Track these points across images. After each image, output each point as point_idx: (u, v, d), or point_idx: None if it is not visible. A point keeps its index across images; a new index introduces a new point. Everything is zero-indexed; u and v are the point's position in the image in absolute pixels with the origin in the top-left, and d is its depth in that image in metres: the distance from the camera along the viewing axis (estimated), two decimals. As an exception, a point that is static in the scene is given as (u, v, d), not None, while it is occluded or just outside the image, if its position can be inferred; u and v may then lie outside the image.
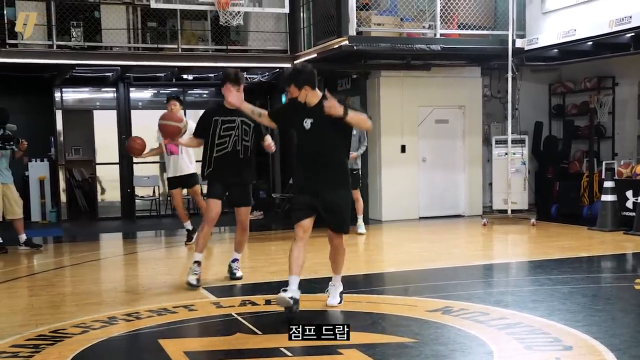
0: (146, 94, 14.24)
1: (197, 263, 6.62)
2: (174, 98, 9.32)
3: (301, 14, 12.60)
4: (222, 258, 7.62)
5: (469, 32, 11.58)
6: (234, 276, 7.03)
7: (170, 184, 9.62)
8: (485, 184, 13.01)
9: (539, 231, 10.61)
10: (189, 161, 9.31)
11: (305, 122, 5.43)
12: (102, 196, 13.87)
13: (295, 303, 5.21)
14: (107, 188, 13.82)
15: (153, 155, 9.11)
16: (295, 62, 11.93)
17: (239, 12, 11.09)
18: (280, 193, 13.78)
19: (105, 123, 13.68)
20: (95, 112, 13.82)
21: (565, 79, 13.28)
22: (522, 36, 11.73)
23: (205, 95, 14.65)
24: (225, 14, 11.05)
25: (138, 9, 12.07)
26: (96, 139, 13.73)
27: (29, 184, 13.21)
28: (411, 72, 12.12)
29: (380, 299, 6.20)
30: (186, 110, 13.65)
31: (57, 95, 13.52)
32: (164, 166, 11.13)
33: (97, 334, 5.08)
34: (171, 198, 9.90)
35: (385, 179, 12.20)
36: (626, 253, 8.68)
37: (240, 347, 4.70)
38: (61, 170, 13.74)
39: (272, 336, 4.92)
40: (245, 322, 5.30)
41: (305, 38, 12.58)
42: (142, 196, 13.74)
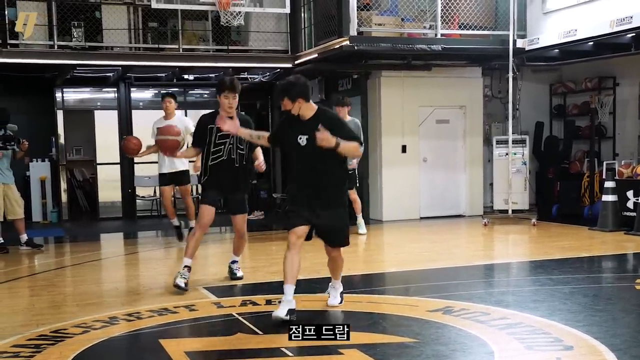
0: (147, 94, 14.24)
1: (187, 268, 6.51)
2: (169, 95, 9.33)
3: (302, 14, 12.61)
4: (223, 258, 7.62)
5: (470, 32, 11.58)
6: (235, 276, 7.03)
7: (162, 180, 9.51)
8: (486, 184, 13.01)
9: (540, 231, 10.60)
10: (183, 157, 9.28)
11: (300, 139, 5.30)
12: (103, 196, 13.87)
13: (291, 313, 5.18)
14: (108, 188, 13.82)
15: (149, 154, 9.06)
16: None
17: (239, 12, 11.10)
18: (281, 193, 13.79)
19: (106, 123, 13.69)
20: (96, 112, 13.83)
21: (566, 79, 13.27)
22: (523, 36, 11.72)
23: (206, 96, 14.64)
24: (226, 14, 11.06)
25: (139, 9, 12.08)
26: (97, 139, 13.74)
27: (30, 184, 13.23)
28: (412, 72, 12.12)
29: (381, 299, 6.20)
30: (187, 111, 13.72)
31: (58, 95, 13.53)
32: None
33: (98, 333, 5.08)
34: (161, 195, 9.74)
35: (386, 179, 12.20)
36: (627, 253, 8.67)
37: (241, 347, 4.70)
38: (62, 170, 13.76)
39: (273, 336, 4.93)
40: (246, 322, 5.30)
41: (306, 38, 12.59)
42: (143, 196, 13.75)
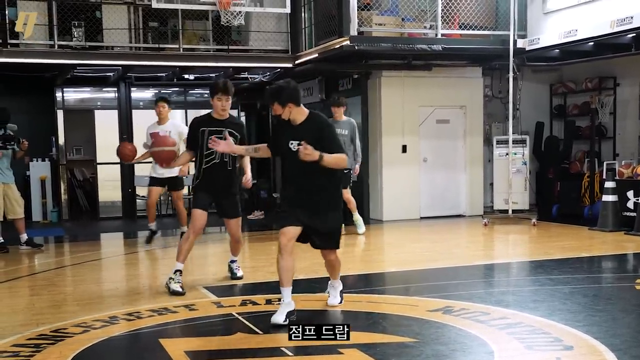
0: (147, 94, 14.23)
1: (179, 272, 6.46)
2: (162, 99, 9.27)
3: (302, 14, 12.61)
4: (222, 258, 7.62)
5: (470, 32, 11.58)
6: (235, 276, 7.04)
7: (152, 181, 9.39)
8: (486, 184, 13.01)
9: (540, 231, 10.60)
10: None
11: (291, 144, 5.22)
12: (103, 196, 13.86)
13: (291, 314, 5.19)
14: (108, 188, 13.82)
15: (144, 159, 9.02)
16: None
17: (240, 12, 11.09)
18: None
19: (106, 123, 13.68)
20: (96, 112, 13.83)
21: (567, 79, 13.27)
22: (524, 36, 11.72)
23: (206, 95, 14.58)
24: (227, 14, 11.05)
25: (139, 9, 12.08)
26: (97, 139, 13.73)
27: (30, 183, 13.24)
28: (412, 72, 12.12)
29: (381, 298, 6.20)
30: (187, 110, 13.75)
31: (59, 95, 13.53)
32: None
33: (98, 333, 5.08)
34: (148, 195, 9.49)
35: (386, 179, 12.20)
36: (627, 253, 8.67)
37: (241, 347, 4.70)
38: (62, 170, 13.77)
39: (273, 336, 4.93)
40: (246, 322, 5.30)
41: (307, 38, 12.59)
42: (143, 196, 13.68)
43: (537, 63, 12.63)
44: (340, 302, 5.74)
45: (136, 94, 13.91)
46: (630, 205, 10.26)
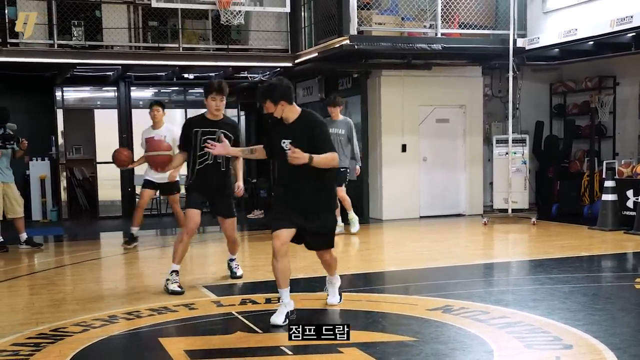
0: (147, 93, 14.24)
1: (176, 272, 6.47)
2: (157, 103, 9.19)
3: (302, 13, 12.60)
4: (222, 257, 7.62)
5: (470, 32, 11.58)
6: (235, 275, 7.04)
7: (146, 183, 9.28)
8: (486, 183, 13.02)
9: (540, 230, 10.60)
10: None
11: (283, 143, 5.16)
12: (103, 195, 13.86)
13: (291, 314, 5.19)
14: (108, 187, 13.81)
15: (139, 164, 8.99)
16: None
17: (240, 11, 11.08)
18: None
19: (106, 122, 13.69)
20: (96, 111, 13.84)
21: (566, 78, 13.27)
22: (523, 36, 11.72)
23: (206, 95, 14.62)
24: (226, 13, 11.05)
25: (139, 8, 12.07)
26: (97, 138, 13.74)
27: (30, 183, 13.24)
28: (412, 72, 12.12)
29: (380, 297, 6.20)
30: (187, 109, 13.75)
31: (58, 94, 13.53)
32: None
33: (98, 332, 5.08)
34: (140, 197, 9.41)
35: (386, 178, 12.20)
36: (626, 252, 8.67)
37: (241, 346, 4.70)
38: (62, 169, 13.76)
39: (273, 335, 4.93)
40: (246, 321, 5.30)
41: (306, 37, 12.59)
42: (142, 195, 13.71)
43: (537, 62, 12.63)
44: (340, 301, 5.73)
45: (136, 93, 13.91)
46: (629, 204, 10.26)
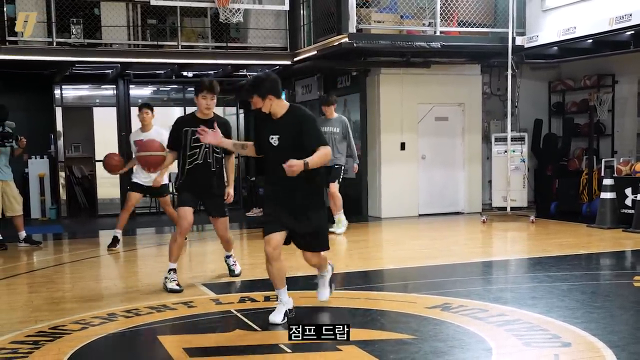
0: (146, 91, 14.24)
1: (173, 271, 6.48)
2: (146, 106, 9.11)
3: (301, 11, 12.59)
4: (221, 255, 7.60)
5: (469, 30, 11.59)
6: (233, 272, 7.05)
7: (134, 186, 9.14)
8: (485, 182, 13.02)
9: (538, 228, 10.61)
10: None
11: (271, 139, 5.08)
12: (102, 193, 13.85)
13: (290, 312, 5.19)
14: (107, 185, 13.81)
15: (132, 167, 8.94)
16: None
17: (239, 9, 11.09)
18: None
19: (105, 120, 13.68)
20: (95, 109, 13.85)
21: (565, 76, 13.27)
22: (522, 34, 11.73)
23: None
24: (225, 11, 11.05)
25: (138, 6, 12.05)
26: (96, 136, 13.74)
27: (29, 181, 13.23)
28: (411, 70, 12.12)
29: (379, 295, 6.20)
30: (186, 108, 13.73)
31: (57, 92, 13.52)
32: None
33: (97, 330, 5.09)
34: (127, 200, 9.23)
35: (384, 176, 12.20)
36: (625, 250, 8.68)
37: (240, 344, 4.70)
38: (61, 167, 13.76)
39: (272, 333, 4.94)
40: (245, 319, 5.31)
41: (305, 35, 12.57)
42: (142, 193, 13.72)
43: (536, 60, 12.63)
44: (331, 293, 5.66)
45: (135, 91, 13.90)
46: (628, 202, 10.27)
